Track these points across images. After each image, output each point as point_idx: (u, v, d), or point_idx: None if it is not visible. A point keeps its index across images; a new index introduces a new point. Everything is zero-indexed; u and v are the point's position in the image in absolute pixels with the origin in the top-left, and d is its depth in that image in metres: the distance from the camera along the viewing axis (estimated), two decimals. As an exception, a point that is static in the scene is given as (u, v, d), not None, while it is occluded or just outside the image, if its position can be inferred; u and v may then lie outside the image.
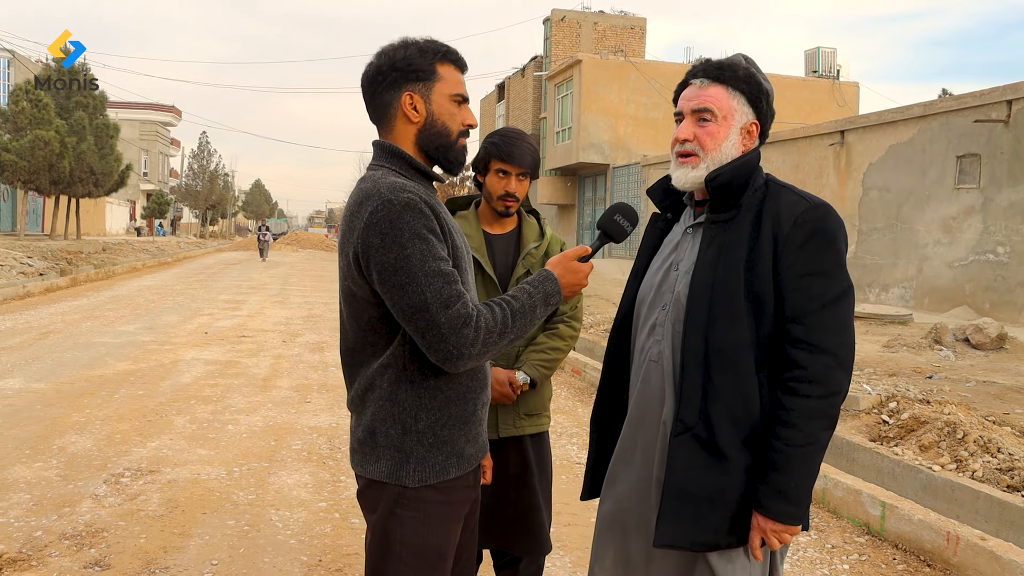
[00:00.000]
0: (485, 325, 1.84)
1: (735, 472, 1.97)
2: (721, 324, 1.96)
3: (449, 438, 1.97)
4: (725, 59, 2.09)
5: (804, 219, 1.96)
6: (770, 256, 1.96)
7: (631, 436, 2.18)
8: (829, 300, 1.94)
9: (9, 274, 18.25)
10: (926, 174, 14.86)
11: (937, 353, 9.28)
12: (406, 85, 1.96)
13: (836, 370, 1.93)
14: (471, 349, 1.82)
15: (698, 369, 1.98)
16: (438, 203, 1.96)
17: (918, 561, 4.04)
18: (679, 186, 2.11)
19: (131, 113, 62.23)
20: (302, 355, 10.10)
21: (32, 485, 4.90)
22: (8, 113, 29.31)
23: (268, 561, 3.97)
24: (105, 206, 50.67)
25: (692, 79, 2.10)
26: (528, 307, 1.93)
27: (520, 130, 2.96)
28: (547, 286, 1.97)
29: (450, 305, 1.80)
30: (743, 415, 1.96)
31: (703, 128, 2.05)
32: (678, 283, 2.08)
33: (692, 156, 2.06)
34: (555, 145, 33.01)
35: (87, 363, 9.01)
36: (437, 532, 1.97)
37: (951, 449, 5.27)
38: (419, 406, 1.94)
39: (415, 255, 1.80)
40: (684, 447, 1.98)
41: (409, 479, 1.93)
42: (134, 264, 26.64)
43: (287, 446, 5.96)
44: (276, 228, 77.73)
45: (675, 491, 1.98)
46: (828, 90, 32.85)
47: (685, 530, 1.97)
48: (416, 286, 1.80)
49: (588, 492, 2.37)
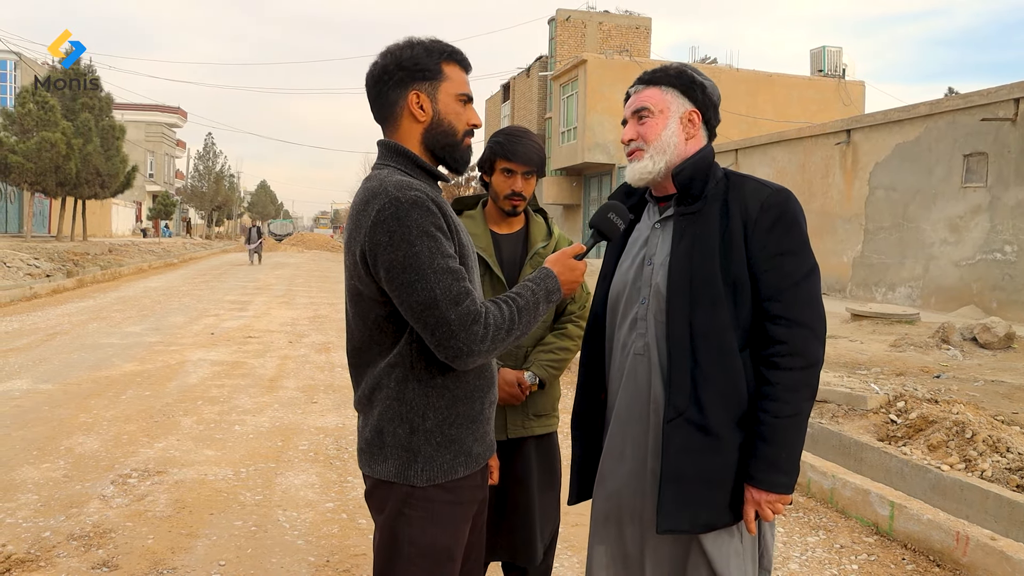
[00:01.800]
0: (494, 322, 1.85)
1: (728, 451, 2.06)
2: (703, 310, 2.05)
3: (457, 437, 1.97)
4: (660, 66, 2.26)
5: (769, 203, 2.07)
6: (742, 241, 2.06)
7: (619, 432, 2.22)
8: (800, 277, 2.06)
9: (16, 275, 18.31)
10: (933, 173, 14.83)
11: (945, 352, 9.25)
12: (413, 84, 1.97)
13: (813, 341, 2.04)
14: (480, 346, 1.82)
15: (685, 355, 2.06)
16: (444, 201, 1.97)
17: (927, 561, 4.02)
18: (633, 182, 2.23)
19: (137, 115, 62.34)
20: (308, 356, 10.11)
21: (40, 486, 4.91)
22: (15, 115, 29.39)
23: (275, 562, 3.97)
24: (111, 207, 50.77)
25: (630, 90, 2.27)
26: (532, 304, 1.94)
27: (525, 128, 2.94)
28: (548, 283, 1.99)
29: (460, 302, 1.80)
30: (732, 395, 2.05)
31: (643, 125, 2.19)
32: (655, 276, 2.16)
33: (638, 151, 2.20)
34: (560, 145, 33.01)
35: (94, 364, 9.03)
36: (445, 532, 1.96)
37: (960, 449, 5.25)
38: (427, 405, 1.94)
39: (423, 252, 1.81)
40: (678, 432, 2.05)
41: (417, 478, 1.93)
42: (140, 265, 26.70)
43: (294, 447, 5.96)
44: (281, 229, 77.76)
45: (672, 476, 2.05)
46: (834, 89, 32.80)
47: (685, 513, 2.05)
48: (425, 283, 1.80)
49: (576, 496, 2.41)
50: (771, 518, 2.07)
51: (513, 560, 2.92)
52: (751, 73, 31.93)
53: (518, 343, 1.98)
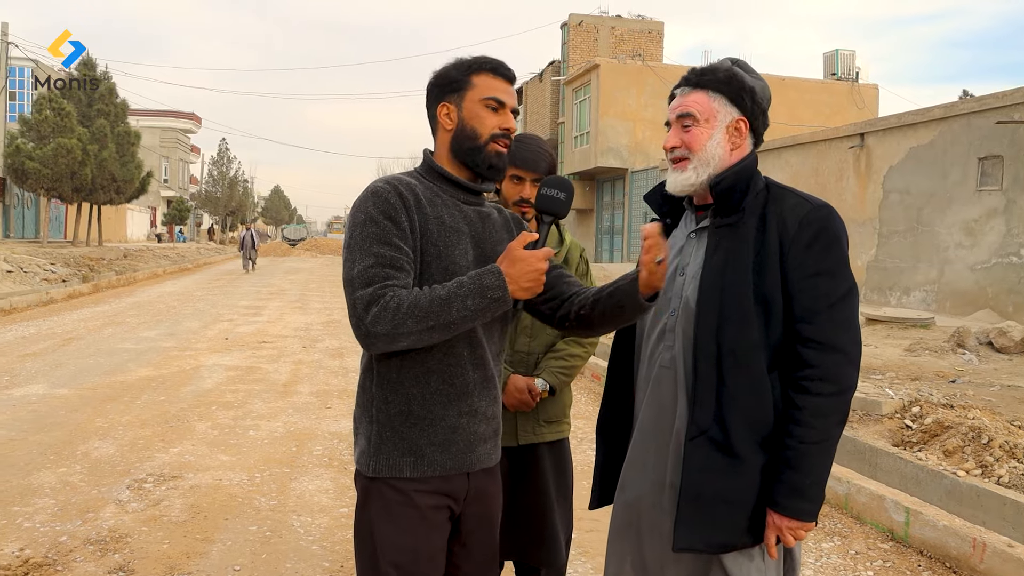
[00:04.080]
0: (395, 305, 1.84)
1: (750, 473, 2.00)
2: (732, 327, 1.99)
3: (408, 436, 1.99)
4: (709, 65, 2.16)
5: (809, 220, 2.00)
6: (777, 258, 2.00)
7: (642, 442, 2.19)
8: (837, 299, 1.98)
9: (33, 281, 18.45)
10: (947, 176, 14.74)
11: (960, 357, 9.19)
12: (443, 98, 2.07)
13: (846, 367, 1.97)
14: (374, 327, 1.84)
15: (711, 372, 2.01)
16: (429, 195, 2.02)
17: (944, 568, 4.00)
18: (674, 192, 2.16)
19: (152, 120, 62.64)
20: (322, 361, 10.14)
21: (57, 490, 4.94)
22: (32, 121, 29.63)
23: (290, 567, 3.98)
24: (126, 213, 51.06)
25: (675, 89, 2.19)
26: (455, 295, 1.85)
27: (536, 136, 2.95)
28: (485, 278, 1.87)
29: (371, 283, 1.87)
30: (757, 416, 1.99)
31: (688, 133, 2.11)
32: (686, 287, 2.11)
33: (683, 160, 2.12)
34: (573, 150, 33.00)
35: (109, 369, 9.08)
36: (400, 531, 1.98)
37: (976, 454, 5.22)
38: (383, 398, 2.01)
39: (361, 235, 1.92)
40: (699, 450, 2.01)
41: (366, 467, 2.01)
42: (155, 270, 26.85)
43: (308, 451, 5.98)
44: (295, 234, 78.04)
45: (691, 495, 2.01)
46: (847, 93, 32.67)
47: (703, 533, 2.00)
48: (351, 263, 1.91)
49: (597, 500, 2.39)
50: (792, 544, 2.01)
51: (536, 564, 2.92)
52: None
53: (446, 337, 1.88)
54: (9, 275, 17.86)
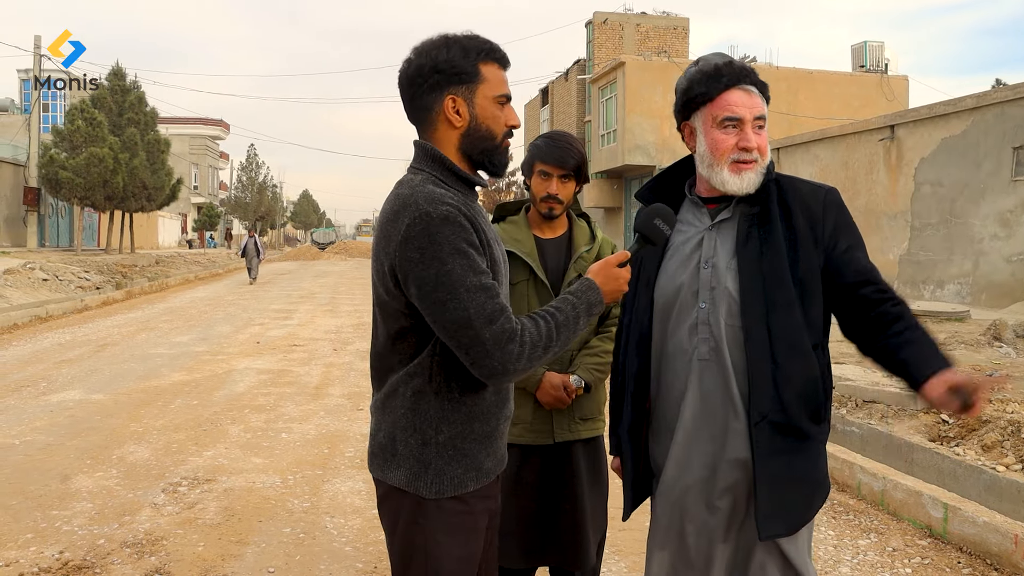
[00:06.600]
0: (530, 339, 1.81)
1: (812, 448, 2.10)
2: (779, 310, 2.06)
3: (469, 452, 1.94)
4: (745, 64, 2.18)
5: (828, 202, 2.14)
6: (811, 242, 2.10)
7: (685, 441, 2.16)
8: (868, 257, 2.16)
9: (68, 288, 18.72)
10: (981, 167, 14.52)
11: (997, 350, 9.04)
12: (448, 88, 1.90)
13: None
14: (516, 364, 1.79)
15: (765, 357, 2.06)
16: (478, 213, 1.93)
17: (984, 565, 3.93)
18: (741, 192, 2.14)
19: (181, 128, 63.44)
20: (353, 363, 10.19)
21: (94, 494, 5.01)
22: (64, 132, 30.09)
23: (324, 568, 4.00)
24: (157, 220, 51.72)
25: (740, 83, 2.12)
26: (572, 318, 1.89)
27: (566, 133, 2.93)
28: (590, 296, 1.93)
29: (494, 320, 1.77)
30: (810, 392, 2.07)
31: (760, 136, 2.14)
32: (721, 279, 2.12)
33: (754, 163, 2.12)
34: (600, 148, 32.92)
35: (143, 374, 9.19)
36: (458, 542, 1.94)
37: (1016, 448, 5.13)
38: (441, 419, 1.91)
39: (455, 270, 1.76)
40: (764, 434, 2.05)
41: (426, 490, 1.91)
42: (186, 276, 27.15)
43: (340, 453, 6.01)
44: (324, 238, 78.44)
45: (767, 479, 2.04)
46: (876, 85, 32.31)
47: (784, 516, 2.05)
48: (458, 302, 1.76)
49: (631, 506, 2.38)
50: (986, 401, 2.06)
51: (565, 565, 2.91)
52: (791, 71, 31.57)
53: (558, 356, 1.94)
54: (45, 283, 18.14)
